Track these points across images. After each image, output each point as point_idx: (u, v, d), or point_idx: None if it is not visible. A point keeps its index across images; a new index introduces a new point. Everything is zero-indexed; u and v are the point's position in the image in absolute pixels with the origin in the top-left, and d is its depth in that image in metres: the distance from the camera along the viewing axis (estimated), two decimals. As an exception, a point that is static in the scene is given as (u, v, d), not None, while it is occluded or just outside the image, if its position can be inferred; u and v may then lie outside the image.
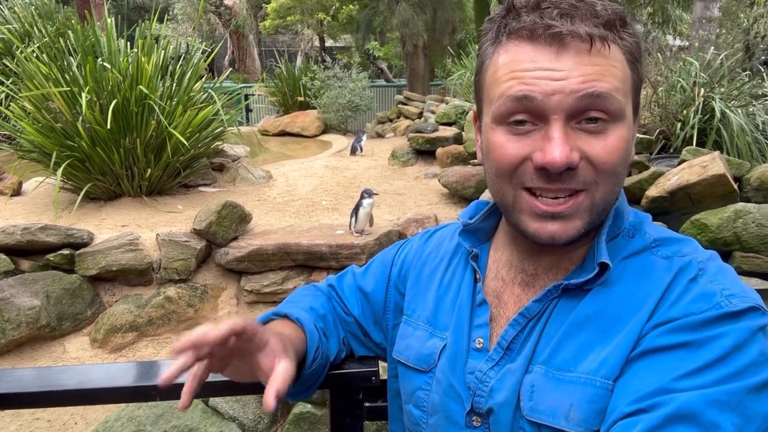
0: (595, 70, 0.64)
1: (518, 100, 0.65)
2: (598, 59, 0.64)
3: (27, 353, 3.21)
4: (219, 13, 16.05)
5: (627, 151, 0.68)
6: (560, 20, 0.64)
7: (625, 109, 0.66)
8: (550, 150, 0.64)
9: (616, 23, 0.66)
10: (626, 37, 0.67)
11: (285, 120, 10.26)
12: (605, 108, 0.64)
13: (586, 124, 0.65)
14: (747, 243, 3.09)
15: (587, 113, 0.64)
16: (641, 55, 0.69)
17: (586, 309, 0.69)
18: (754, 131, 4.47)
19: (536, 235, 0.69)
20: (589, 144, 0.65)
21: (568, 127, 0.65)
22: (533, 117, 0.66)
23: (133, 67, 4.50)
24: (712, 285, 0.65)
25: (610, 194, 0.69)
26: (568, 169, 0.65)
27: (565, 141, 0.64)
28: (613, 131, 0.66)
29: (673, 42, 10.34)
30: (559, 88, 0.63)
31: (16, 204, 4.73)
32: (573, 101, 0.63)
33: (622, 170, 0.68)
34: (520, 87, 0.65)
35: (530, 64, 0.65)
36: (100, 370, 1.07)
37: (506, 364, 0.72)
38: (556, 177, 0.65)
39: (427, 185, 5.59)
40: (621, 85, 0.66)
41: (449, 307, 0.83)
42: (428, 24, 10.31)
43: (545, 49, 0.64)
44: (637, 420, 0.58)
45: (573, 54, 0.64)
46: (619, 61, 0.66)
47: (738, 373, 0.58)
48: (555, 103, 0.64)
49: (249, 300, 3.71)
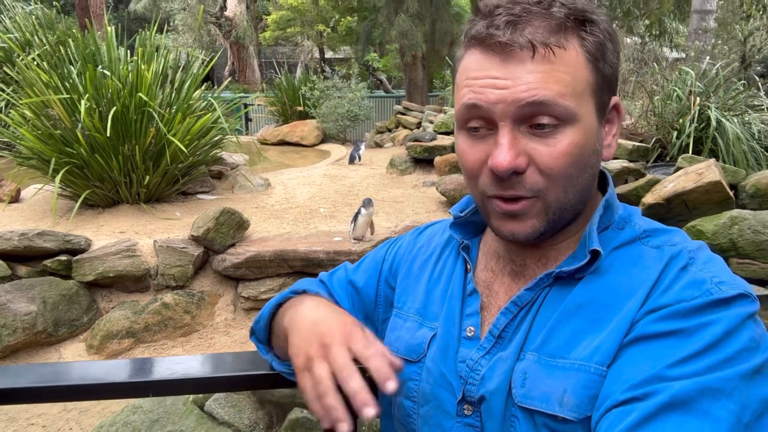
0: (537, 78, 0.64)
1: (469, 108, 0.67)
2: (542, 66, 0.64)
3: (23, 359, 3.19)
4: (219, 24, 16.15)
5: (580, 155, 0.67)
6: (503, 28, 0.64)
7: (578, 113, 0.65)
8: (496, 155, 0.65)
9: (569, 24, 0.65)
10: (586, 36, 0.66)
11: (284, 129, 10.30)
12: (551, 114, 0.64)
13: (535, 129, 0.66)
14: (743, 249, 3.10)
15: (534, 119, 0.65)
16: (606, 53, 0.68)
17: (578, 297, 0.69)
18: (750, 140, 4.49)
19: (499, 232, 0.72)
20: (536, 149, 0.66)
21: (518, 132, 0.66)
22: (485, 122, 0.67)
23: (132, 75, 4.53)
24: (702, 273, 0.65)
25: (564, 197, 0.69)
26: (516, 174, 0.66)
27: (511, 146, 0.65)
28: (564, 135, 0.66)
29: (669, 54, 10.41)
30: (502, 97, 0.64)
31: (14, 211, 4.73)
32: (516, 110, 0.64)
33: (575, 173, 0.68)
34: (470, 95, 0.67)
35: (479, 72, 0.66)
36: (93, 367, 1.07)
37: (498, 352, 0.72)
38: (507, 182, 0.67)
39: (425, 193, 5.61)
40: (568, 90, 0.65)
41: (439, 298, 0.83)
42: (427, 35, 10.38)
43: (492, 57, 0.66)
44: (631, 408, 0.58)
45: (516, 62, 0.64)
46: (570, 64, 0.65)
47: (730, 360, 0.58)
48: (500, 111, 0.65)
49: (246, 307, 3.70)
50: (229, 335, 3.54)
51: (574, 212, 0.72)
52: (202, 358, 1.09)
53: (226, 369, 1.02)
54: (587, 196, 0.73)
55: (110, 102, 4.35)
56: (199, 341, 3.49)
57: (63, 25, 8.56)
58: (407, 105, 9.78)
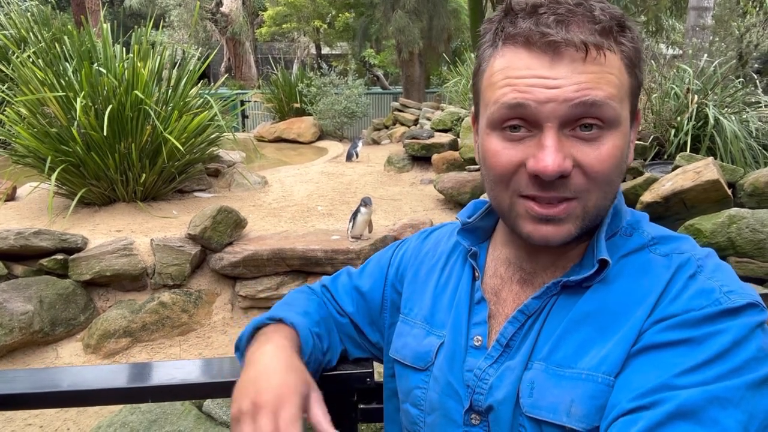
0: (589, 78, 0.63)
1: (512, 107, 0.65)
2: (593, 67, 0.64)
3: (19, 358, 3.18)
4: (215, 20, 16.07)
5: (621, 159, 0.67)
6: (555, 27, 0.63)
7: (621, 116, 0.66)
8: (542, 158, 0.64)
9: (614, 28, 0.65)
10: (624, 42, 0.66)
11: (281, 126, 10.27)
12: (600, 116, 0.64)
13: (581, 131, 0.65)
14: (741, 248, 3.10)
15: (581, 120, 0.64)
16: (641, 60, 0.69)
17: (586, 306, 0.69)
18: (748, 138, 4.49)
19: (531, 237, 0.70)
20: (583, 152, 0.65)
21: (562, 135, 0.65)
22: (527, 123, 0.66)
23: (128, 72, 4.50)
24: (710, 282, 0.65)
25: (603, 201, 0.69)
26: (561, 177, 0.65)
27: (558, 149, 0.64)
28: (608, 139, 0.65)
29: (666, 51, 10.41)
30: (552, 96, 0.63)
31: (10, 209, 4.71)
32: (567, 109, 0.63)
33: (615, 178, 0.68)
34: (515, 94, 0.65)
35: (525, 71, 0.65)
36: (91, 372, 1.06)
37: (505, 361, 0.72)
38: (549, 184, 0.66)
39: (422, 191, 5.60)
40: (616, 92, 0.65)
41: (447, 306, 0.83)
42: (424, 32, 10.35)
43: (540, 56, 0.64)
44: (638, 417, 0.57)
45: (568, 62, 0.63)
46: (616, 67, 0.65)
47: (738, 369, 0.58)
48: (548, 111, 0.64)
49: (244, 305, 3.69)
50: (226, 334, 3.52)
51: (600, 218, 0.72)
52: (200, 362, 1.08)
53: (226, 374, 1.01)
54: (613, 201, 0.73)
55: (106, 100, 4.33)
56: (197, 340, 3.48)
57: (58, 21, 8.51)
58: (404, 102, 9.76)
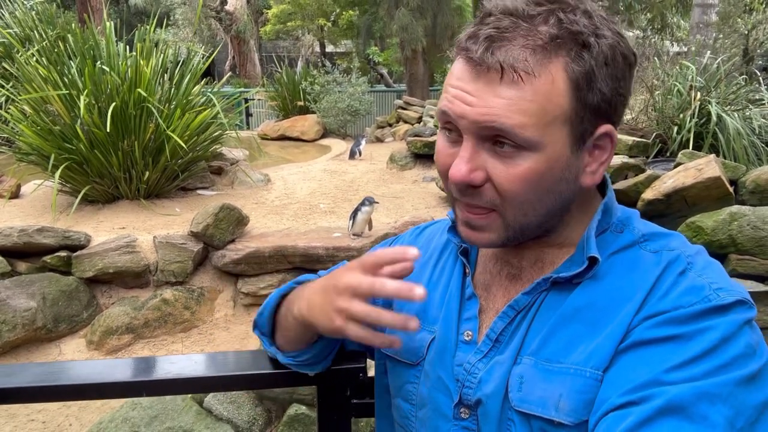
0: (500, 104, 0.62)
1: (442, 113, 0.68)
2: (509, 91, 0.62)
3: (23, 355, 3.21)
4: (220, 19, 16.08)
5: (539, 181, 0.65)
6: (481, 43, 0.62)
7: (541, 142, 0.63)
8: (453, 165, 0.66)
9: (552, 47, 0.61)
10: (571, 62, 0.62)
11: (284, 124, 10.28)
12: (511, 139, 0.63)
13: (498, 147, 0.65)
14: (742, 245, 3.09)
15: (496, 138, 0.64)
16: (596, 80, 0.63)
17: (576, 302, 0.69)
18: (750, 135, 4.47)
19: (461, 237, 0.74)
20: (495, 167, 0.65)
21: (481, 147, 0.66)
22: (457, 129, 0.68)
23: (132, 70, 4.53)
24: (700, 279, 0.65)
25: (523, 218, 0.68)
26: (473, 187, 0.66)
27: (469, 160, 0.65)
28: (523, 160, 0.64)
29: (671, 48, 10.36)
30: (466, 113, 0.64)
31: (14, 206, 4.74)
32: (477, 128, 0.64)
33: (533, 198, 0.66)
34: (444, 102, 0.67)
35: (455, 81, 0.66)
36: (90, 366, 1.08)
37: (495, 356, 0.73)
38: (464, 191, 0.67)
39: (425, 189, 5.60)
40: (533, 120, 0.62)
41: (438, 301, 0.83)
42: (428, 29, 10.33)
43: (469, 70, 0.65)
44: (627, 412, 0.58)
45: (485, 81, 0.63)
46: (540, 92, 0.61)
47: (726, 365, 0.58)
48: (464, 126, 0.65)
49: (246, 302, 3.71)
50: (228, 331, 3.54)
51: (541, 229, 0.72)
52: (198, 357, 1.09)
53: (225, 368, 1.02)
54: (556, 216, 0.72)
55: (109, 98, 4.35)
56: (199, 337, 3.50)
57: (62, 19, 8.55)
58: (408, 100, 9.75)
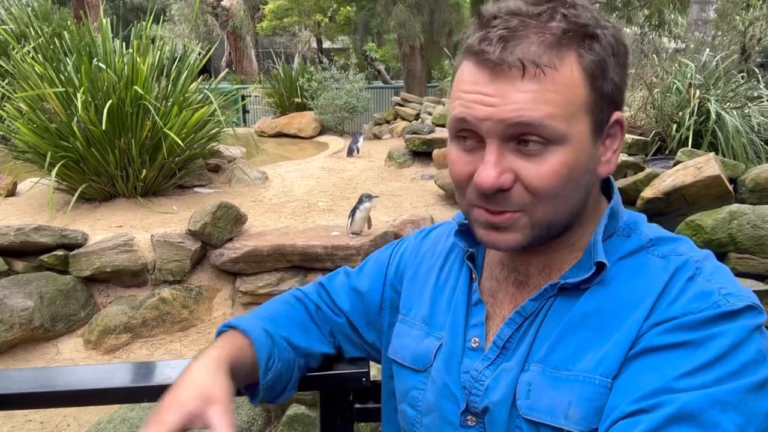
0: (525, 98, 0.62)
1: (459, 121, 0.66)
2: (531, 85, 0.62)
3: (20, 355, 3.19)
4: (216, 15, 16.02)
5: (569, 174, 0.65)
6: (496, 44, 0.62)
7: (567, 133, 0.63)
8: (480, 172, 0.65)
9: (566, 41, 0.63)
10: (584, 53, 0.64)
11: (282, 121, 10.26)
12: (538, 134, 0.63)
13: (523, 146, 0.64)
14: (742, 244, 3.09)
15: (522, 137, 0.64)
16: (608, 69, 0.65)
17: (583, 308, 0.69)
18: (750, 133, 4.47)
19: (482, 241, 0.72)
20: (524, 167, 0.64)
21: (506, 149, 0.65)
22: (475, 135, 0.66)
23: (128, 67, 4.49)
24: (709, 284, 0.65)
25: (553, 215, 0.68)
26: (502, 191, 0.65)
27: (496, 164, 0.64)
28: (552, 155, 0.64)
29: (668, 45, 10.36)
30: (489, 115, 0.63)
31: (10, 205, 4.71)
32: (503, 128, 0.63)
33: (564, 192, 0.66)
34: (460, 109, 0.66)
35: (470, 86, 0.65)
36: (88, 372, 1.06)
37: (502, 363, 0.72)
38: (491, 198, 0.66)
39: (423, 186, 5.59)
40: (559, 110, 0.63)
41: (445, 307, 0.83)
42: (425, 25, 10.31)
43: (483, 72, 0.64)
44: (638, 420, 0.57)
45: (505, 80, 0.63)
46: (562, 83, 0.63)
47: (737, 372, 0.58)
48: (487, 129, 0.64)
49: (244, 301, 3.70)
50: (227, 330, 3.53)
51: (564, 227, 0.71)
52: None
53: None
54: (579, 212, 0.71)
55: (106, 95, 4.32)
56: (197, 336, 3.48)
57: (58, 16, 8.49)
58: (406, 96, 9.74)
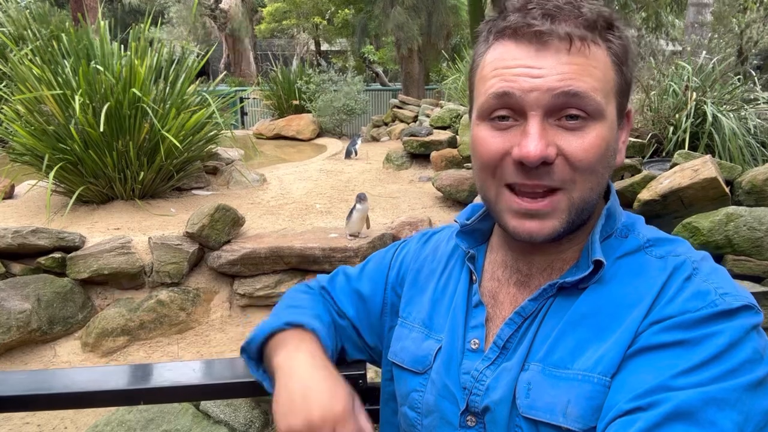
0: (572, 69, 0.65)
1: (499, 96, 0.68)
2: (578, 59, 0.66)
3: (17, 357, 3.18)
4: (214, 17, 16.04)
5: (606, 150, 0.68)
6: (541, 20, 0.66)
7: (605, 110, 0.67)
8: (525, 144, 0.66)
9: (601, 25, 0.67)
10: (612, 39, 0.68)
11: (280, 123, 10.26)
12: (582, 106, 0.66)
13: (565, 120, 0.66)
14: (738, 246, 3.10)
15: (565, 110, 0.66)
16: (629, 59, 0.70)
17: (582, 307, 0.69)
18: (746, 135, 4.49)
19: (515, 232, 0.71)
20: (566, 140, 0.67)
21: (547, 123, 0.67)
22: (514, 113, 0.68)
23: (126, 70, 4.50)
24: (706, 284, 0.66)
25: (589, 193, 0.69)
26: (545, 164, 0.66)
27: (542, 136, 0.66)
28: (592, 129, 0.67)
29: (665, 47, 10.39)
30: (536, 86, 0.65)
31: (8, 207, 4.71)
32: (550, 98, 0.65)
33: (600, 169, 0.69)
34: (501, 84, 0.67)
35: (512, 61, 0.67)
36: (85, 374, 1.06)
37: (502, 363, 0.73)
38: (534, 172, 0.67)
39: (421, 188, 5.59)
40: (600, 85, 0.67)
41: (445, 309, 0.83)
42: (423, 28, 10.34)
43: (527, 46, 0.67)
44: (635, 418, 0.58)
45: (552, 52, 0.66)
46: (601, 62, 0.67)
47: (734, 371, 0.58)
48: (533, 100, 0.66)
49: (242, 303, 3.70)
50: (224, 332, 3.53)
51: (590, 213, 0.72)
52: (193, 364, 1.08)
53: (223, 375, 1.01)
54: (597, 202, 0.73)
55: (103, 97, 4.32)
56: (195, 338, 3.48)
57: (56, 18, 8.49)
58: (403, 98, 9.74)
